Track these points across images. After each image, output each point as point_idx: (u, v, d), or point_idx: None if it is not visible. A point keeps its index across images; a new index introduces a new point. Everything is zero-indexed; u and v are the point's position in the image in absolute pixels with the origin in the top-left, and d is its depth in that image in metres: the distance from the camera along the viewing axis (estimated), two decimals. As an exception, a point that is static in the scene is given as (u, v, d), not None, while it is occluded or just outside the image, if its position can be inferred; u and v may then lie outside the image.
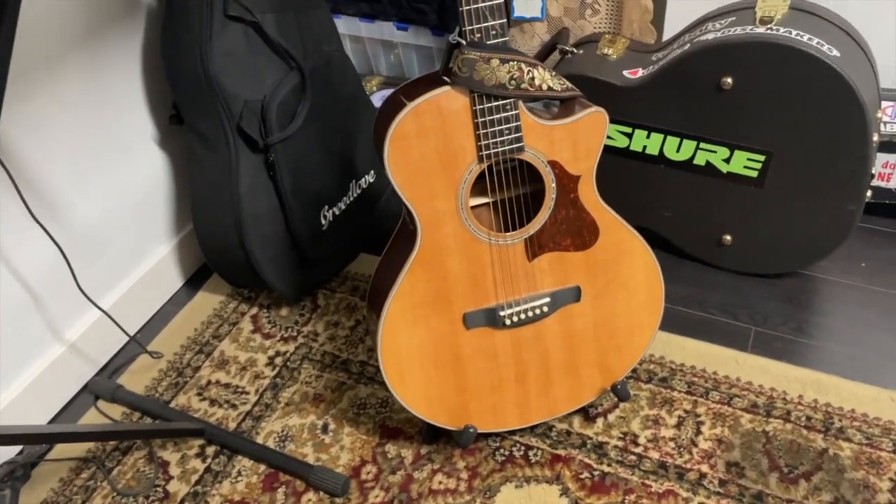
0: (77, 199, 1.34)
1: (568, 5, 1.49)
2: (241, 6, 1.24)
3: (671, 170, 1.42)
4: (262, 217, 1.37)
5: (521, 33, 1.56)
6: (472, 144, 1.01)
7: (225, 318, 1.52)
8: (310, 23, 1.40)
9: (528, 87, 0.99)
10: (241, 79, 1.28)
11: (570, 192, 1.07)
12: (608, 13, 1.48)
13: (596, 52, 1.43)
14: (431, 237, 1.05)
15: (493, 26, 0.96)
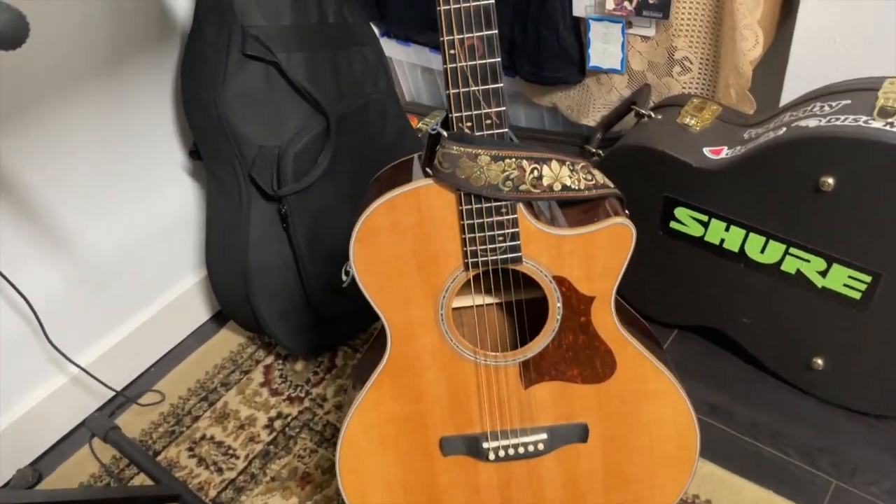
0: (104, 225, 1.29)
1: (653, 59, 1.25)
2: (260, 44, 1.12)
3: (753, 272, 1.16)
4: (272, 269, 1.25)
5: (597, 84, 1.34)
6: (457, 249, 0.83)
7: (238, 364, 1.42)
8: (351, 62, 1.26)
9: (530, 189, 0.79)
10: (256, 123, 1.16)
11: (580, 315, 0.87)
12: (701, 73, 1.23)
13: (676, 119, 1.18)
14: (404, 348, 0.88)
15: (489, 115, 0.77)
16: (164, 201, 1.37)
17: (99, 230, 1.29)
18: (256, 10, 1.12)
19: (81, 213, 1.25)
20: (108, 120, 1.23)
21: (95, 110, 1.21)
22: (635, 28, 1.23)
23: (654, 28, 1.21)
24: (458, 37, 0.74)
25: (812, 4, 1.18)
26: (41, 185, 1.18)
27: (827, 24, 1.24)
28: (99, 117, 1.22)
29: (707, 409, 1.24)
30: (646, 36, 1.23)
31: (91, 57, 1.18)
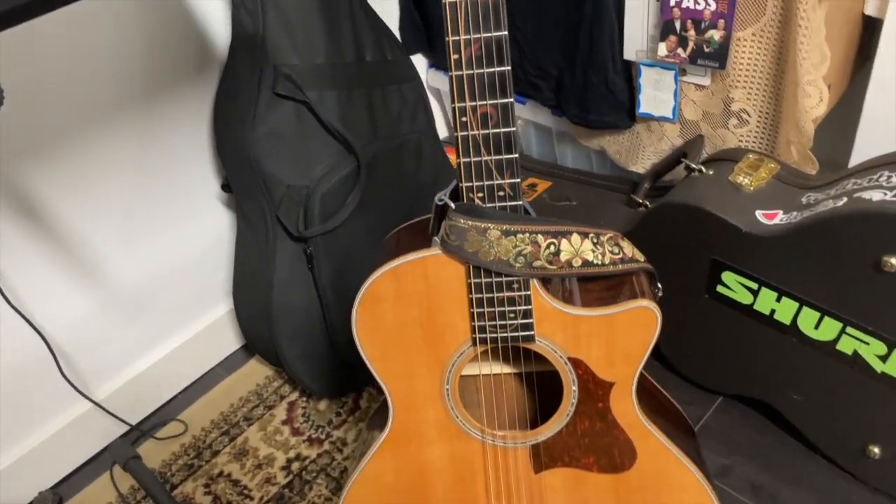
0: (137, 253, 1.28)
1: (708, 109, 1.16)
2: (291, 84, 1.09)
3: (806, 347, 1.06)
4: (295, 310, 1.22)
5: (647, 131, 1.26)
6: (465, 322, 0.77)
7: (263, 398, 1.40)
8: (387, 100, 1.22)
9: (545, 266, 0.73)
10: (284, 162, 1.13)
11: (597, 401, 0.80)
12: (759, 126, 1.14)
13: (728, 177, 1.09)
14: (406, 421, 0.83)
15: (501, 186, 0.71)
16: (199, 230, 1.36)
17: (132, 258, 1.29)
18: (290, 48, 1.09)
19: (114, 242, 1.25)
20: (144, 150, 1.23)
21: (131, 140, 1.21)
22: (689, 76, 1.15)
23: (709, 77, 1.13)
24: (471, 104, 0.69)
25: (891, 53, 1.08)
26: (74, 213, 1.18)
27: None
28: (135, 147, 1.22)
29: (749, 490, 1.14)
30: (701, 85, 1.15)
31: (129, 87, 1.17)
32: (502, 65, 0.67)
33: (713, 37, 1.07)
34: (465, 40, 0.66)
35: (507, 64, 0.67)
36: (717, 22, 1.06)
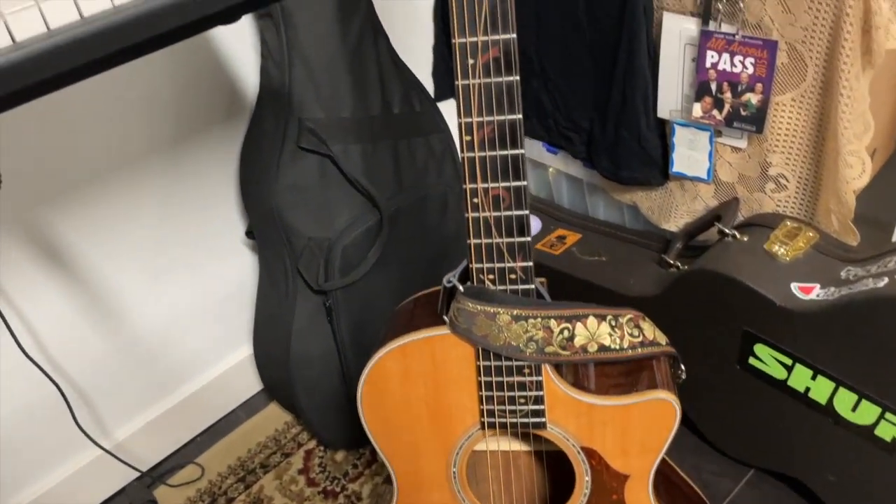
0: (161, 296, 1.29)
1: (744, 172, 1.12)
2: (315, 138, 1.08)
3: (842, 428, 1.00)
4: (313, 361, 1.20)
5: (681, 190, 1.22)
6: (474, 405, 0.75)
7: (282, 444, 1.38)
8: (414, 152, 1.21)
9: (557, 351, 0.70)
10: (306, 214, 1.12)
11: (611, 493, 0.76)
12: (798, 192, 1.08)
13: (764, 245, 1.04)
14: (411, 500, 0.80)
15: (513, 269, 0.69)
16: (223, 273, 1.36)
17: (155, 300, 1.29)
18: (315, 101, 1.09)
19: (137, 284, 1.25)
20: (171, 194, 1.23)
21: (159, 183, 1.21)
22: (725, 138, 1.10)
23: (746, 140, 1.09)
24: (483, 186, 0.66)
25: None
26: (99, 255, 1.19)
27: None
28: (161, 191, 1.22)
29: (777, 573, 1.09)
30: (737, 147, 1.10)
31: (158, 133, 1.18)
32: (516, 148, 0.65)
33: (750, 100, 1.03)
34: (477, 122, 0.64)
35: (521, 147, 0.65)
36: (755, 85, 1.01)
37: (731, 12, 0.99)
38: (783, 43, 0.97)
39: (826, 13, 0.92)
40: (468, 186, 0.67)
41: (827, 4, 0.91)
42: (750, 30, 0.99)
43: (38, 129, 1.06)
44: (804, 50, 0.96)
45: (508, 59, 0.62)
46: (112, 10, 0.56)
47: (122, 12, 0.57)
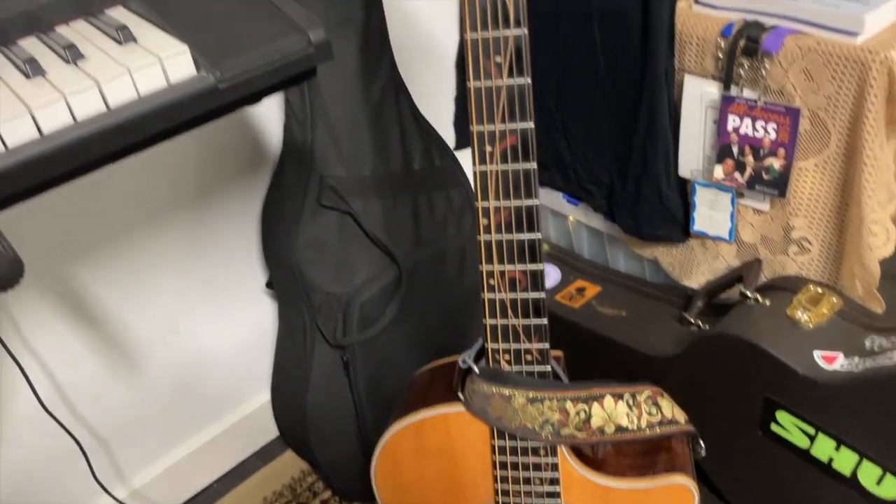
0: (181, 343, 1.30)
1: (767, 234, 1.10)
2: (336, 195, 1.09)
3: (867, 501, 0.98)
4: (330, 414, 1.20)
5: (702, 248, 1.21)
6: (488, 484, 0.74)
7: (297, 494, 1.38)
8: (433, 206, 1.21)
9: (574, 434, 0.69)
10: (325, 270, 1.13)
11: (627, 575, 0.74)
12: (822, 256, 1.07)
13: (786, 310, 1.03)
14: (424, 576, 0.79)
15: (529, 350, 0.68)
16: (242, 322, 1.36)
17: (175, 348, 1.30)
18: (337, 160, 1.10)
19: (157, 332, 1.26)
20: (194, 246, 1.24)
21: (182, 234, 1.23)
22: (747, 199, 1.10)
23: (768, 203, 1.08)
24: (499, 268, 0.66)
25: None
26: (121, 306, 1.20)
27: None
28: (184, 241, 1.24)
29: None
30: (759, 209, 1.09)
31: (183, 184, 1.19)
32: (532, 232, 0.65)
33: (773, 165, 1.02)
34: (494, 207, 0.64)
35: (538, 231, 0.65)
36: (777, 150, 1.01)
37: (753, 78, 0.99)
38: (806, 110, 0.97)
39: (850, 83, 0.91)
40: (484, 268, 0.67)
41: (850, 75, 0.90)
42: (772, 96, 0.99)
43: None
44: (827, 118, 0.96)
45: (526, 147, 0.62)
46: (138, 100, 0.57)
47: (148, 102, 0.58)
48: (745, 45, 0.98)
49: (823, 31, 0.93)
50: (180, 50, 0.59)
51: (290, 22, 0.64)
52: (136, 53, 0.59)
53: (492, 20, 0.59)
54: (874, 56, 0.88)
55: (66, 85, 0.55)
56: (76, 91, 0.55)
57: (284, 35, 0.63)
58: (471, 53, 0.61)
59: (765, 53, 0.96)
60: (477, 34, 0.60)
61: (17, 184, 0.53)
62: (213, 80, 0.59)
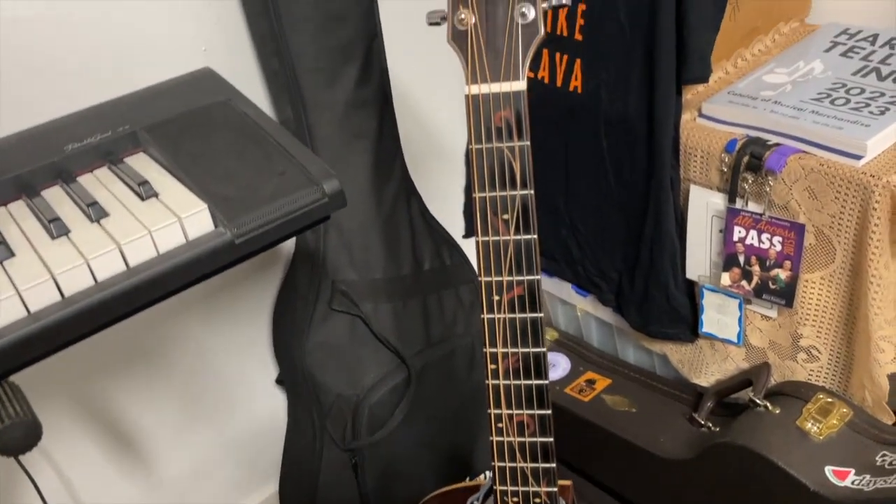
0: (189, 434, 1.30)
1: (775, 339, 1.11)
2: (347, 300, 1.11)
3: None
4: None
5: (711, 349, 1.21)
6: None
7: (304, 589, 1.37)
8: (443, 304, 1.22)
9: (582, 575, 0.69)
10: (335, 372, 1.14)
11: None
12: (831, 365, 1.07)
13: (796, 420, 1.03)
14: None
15: (538, 493, 0.69)
16: (254, 414, 1.37)
17: (186, 440, 1.30)
18: (348, 265, 1.12)
19: (167, 427, 1.27)
20: (206, 343, 1.26)
21: (194, 332, 1.24)
22: (755, 305, 1.10)
23: (776, 311, 1.08)
24: (507, 412, 0.67)
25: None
26: (133, 403, 1.22)
27: None
28: (197, 340, 1.25)
29: None
30: (767, 316, 1.10)
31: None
32: (540, 378, 0.66)
33: (779, 275, 1.03)
34: (502, 353, 0.66)
35: (545, 377, 0.66)
36: (783, 262, 1.02)
37: (758, 192, 1.01)
38: (810, 226, 0.98)
39: (853, 204, 0.92)
40: (493, 412, 0.67)
41: (854, 196, 0.92)
42: (777, 210, 1.01)
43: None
44: (832, 234, 0.97)
45: (533, 297, 0.64)
46: (157, 258, 0.60)
47: (167, 260, 0.60)
48: (749, 162, 1.00)
49: (826, 153, 0.95)
50: (199, 208, 0.61)
51: (305, 172, 0.66)
52: (157, 211, 0.61)
53: (499, 182, 0.61)
54: (877, 181, 0.89)
55: (90, 249, 0.57)
56: (99, 255, 0.57)
57: (299, 187, 0.65)
58: (479, 210, 0.63)
59: (768, 171, 0.98)
60: (485, 193, 0.62)
61: (38, 348, 0.55)
62: (230, 236, 0.61)
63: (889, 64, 1.06)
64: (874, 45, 1.11)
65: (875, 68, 1.06)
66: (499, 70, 0.60)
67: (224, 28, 1.06)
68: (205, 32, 1.05)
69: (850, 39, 1.14)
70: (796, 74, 1.09)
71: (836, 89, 1.03)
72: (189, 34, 1.04)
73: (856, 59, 1.09)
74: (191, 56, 1.04)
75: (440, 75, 1.35)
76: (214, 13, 1.05)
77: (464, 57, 0.61)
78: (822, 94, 1.03)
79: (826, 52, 1.12)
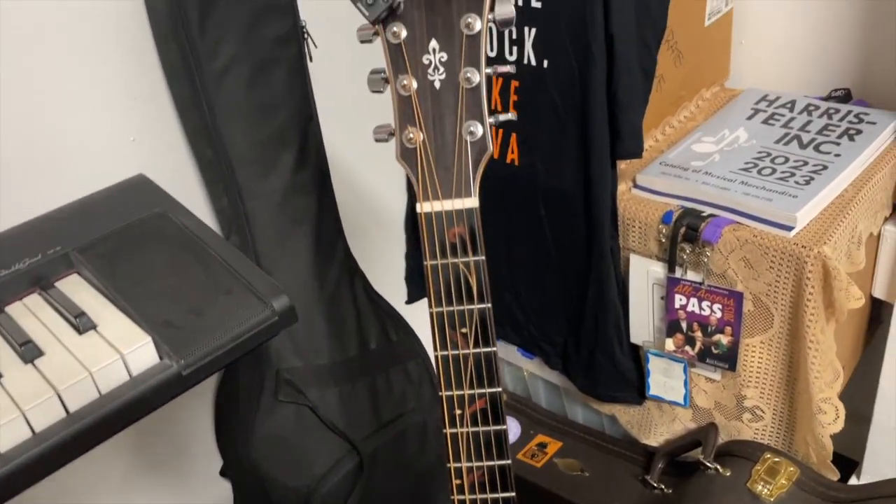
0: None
1: (720, 400, 1.14)
2: (293, 389, 1.07)
3: None
4: None
5: (659, 410, 1.23)
6: None
7: None
8: (391, 383, 1.20)
9: None
10: (284, 464, 1.10)
11: None
12: (775, 423, 1.10)
13: (747, 483, 1.05)
14: None
15: None
16: None
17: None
18: (293, 352, 1.08)
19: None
20: (145, 436, 1.20)
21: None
22: (700, 369, 1.13)
23: (720, 373, 1.11)
24: (474, 526, 0.65)
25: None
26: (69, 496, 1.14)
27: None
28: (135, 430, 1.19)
29: None
30: (711, 378, 1.12)
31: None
32: (506, 491, 0.64)
33: (721, 340, 1.06)
34: (466, 467, 0.64)
35: (511, 491, 0.64)
36: (724, 328, 1.04)
37: (696, 262, 1.03)
38: (748, 293, 1.01)
39: (787, 273, 0.96)
40: (458, 526, 0.66)
41: (788, 266, 0.95)
42: (715, 279, 1.03)
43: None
44: (769, 302, 1.00)
45: (495, 409, 0.63)
46: (98, 400, 0.56)
47: (109, 401, 0.56)
48: (686, 233, 1.03)
49: (759, 224, 0.98)
50: (143, 342, 0.58)
51: (252, 290, 0.64)
52: (97, 347, 0.58)
53: (456, 297, 0.61)
54: (808, 251, 0.93)
55: (25, 399, 0.53)
56: (35, 405, 0.53)
57: (247, 306, 0.63)
58: (436, 325, 0.62)
59: (705, 242, 1.01)
60: (442, 308, 0.61)
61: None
62: (177, 368, 0.58)
63: (808, 131, 1.11)
64: (793, 112, 1.16)
65: (796, 136, 1.11)
66: (450, 187, 0.60)
67: (153, 118, 1.03)
68: (133, 122, 1.01)
69: (769, 106, 1.19)
70: (723, 143, 1.13)
71: (762, 158, 1.07)
72: (117, 125, 1.00)
73: (777, 127, 1.14)
74: (118, 147, 1.01)
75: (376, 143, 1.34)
76: (143, 103, 1.02)
77: (414, 175, 0.60)
78: (748, 163, 1.07)
79: (748, 119, 1.17)
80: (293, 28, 1.02)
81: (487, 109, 0.60)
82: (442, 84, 0.59)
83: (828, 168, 1.02)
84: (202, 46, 0.93)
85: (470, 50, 0.59)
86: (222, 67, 0.95)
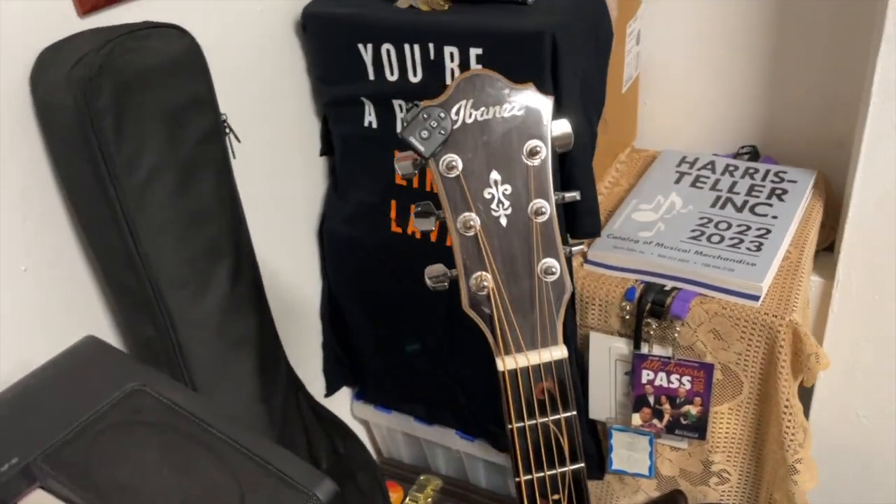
0: None
1: (686, 467, 1.13)
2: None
3: None
4: None
5: (620, 483, 1.21)
6: None
7: None
8: (347, 499, 1.08)
9: None
10: None
11: None
12: (741, 484, 1.12)
13: (728, 549, 1.05)
14: None
15: None
16: None
17: None
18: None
19: None
20: None
21: None
22: (665, 440, 1.11)
23: (686, 442, 1.10)
24: None
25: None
26: None
27: (847, 397, 1.17)
28: None
29: None
30: (678, 447, 1.12)
31: None
32: None
33: (690, 411, 1.05)
34: None
35: None
36: (694, 399, 1.04)
37: (663, 336, 1.02)
38: (717, 363, 1.01)
39: (759, 341, 0.97)
40: None
41: (759, 335, 0.96)
42: (682, 351, 1.02)
43: None
44: (738, 370, 1.01)
45: (591, 577, 0.55)
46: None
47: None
48: (652, 308, 1.01)
49: (724, 295, 0.98)
50: None
51: (286, 481, 0.51)
52: None
53: (547, 461, 0.53)
54: (780, 321, 0.94)
55: None
56: None
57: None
58: (525, 494, 0.53)
59: (674, 317, 0.99)
60: (531, 475, 0.53)
61: None
62: None
63: (737, 192, 1.14)
64: (715, 174, 1.20)
65: (728, 198, 1.13)
66: (533, 337, 0.52)
67: (47, 242, 0.85)
68: (22, 247, 0.82)
69: (691, 168, 1.22)
70: (661, 211, 1.13)
71: (706, 225, 1.09)
72: (4, 252, 0.81)
73: (706, 190, 1.16)
74: (4, 280, 0.81)
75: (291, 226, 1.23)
76: (34, 225, 0.83)
77: (488, 326, 0.52)
78: (695, 231, 1.07)
79: (676, 183, 1.19)
80: (216, 123, 0.89)
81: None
82: (509, 220, 0.52)
83: (771, 231, 1.05)
84: (118, 158, 0.78)
85: (538, 179, 0.52)
86: (144, 180, 0.80)
